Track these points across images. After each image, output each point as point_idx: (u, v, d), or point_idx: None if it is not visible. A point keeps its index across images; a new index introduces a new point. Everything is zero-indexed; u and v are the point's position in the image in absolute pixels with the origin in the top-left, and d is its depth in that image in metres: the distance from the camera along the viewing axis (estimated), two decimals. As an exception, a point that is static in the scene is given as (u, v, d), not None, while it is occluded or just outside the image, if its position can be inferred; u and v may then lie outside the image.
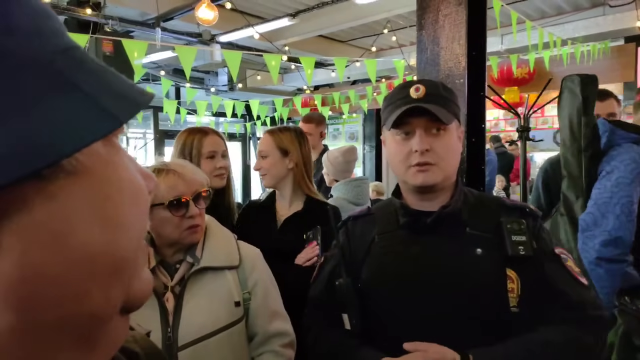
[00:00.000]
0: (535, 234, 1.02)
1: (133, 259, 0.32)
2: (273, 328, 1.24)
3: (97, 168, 0.29)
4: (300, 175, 1.77)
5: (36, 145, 0.24)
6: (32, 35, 0.26)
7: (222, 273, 1.18)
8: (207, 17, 3.82)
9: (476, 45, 1.96)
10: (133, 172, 0.33)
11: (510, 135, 8.48)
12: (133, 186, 0.32)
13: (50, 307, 0.27)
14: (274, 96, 7.69)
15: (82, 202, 0.27)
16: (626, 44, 5.87)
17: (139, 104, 0.30)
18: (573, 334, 0.94)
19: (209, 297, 1.13)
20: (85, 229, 0.27)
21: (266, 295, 1.26)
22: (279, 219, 1.74)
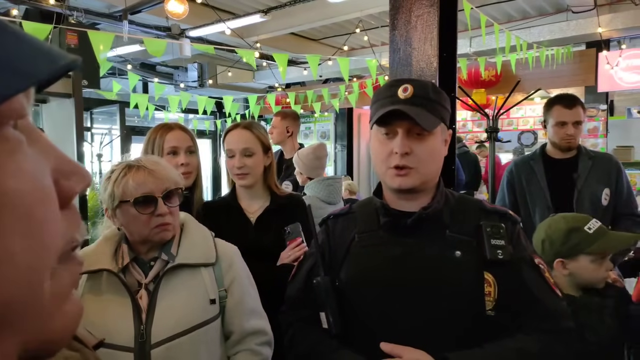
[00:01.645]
0: (513, 239, 1.03)
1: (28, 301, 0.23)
2: (250, 326, 1.23)
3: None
4: (272, 172, 1.75)
5: None
6: None
7: (197, 270, 1.17)
8: (177, 10, 3.73)
9: (447, 47, 1.99)
10: (33, 176, 0.23)
11: (478, 136, 8.69)
12: (24, 201, 0.22)
13: None
14: (245, 93, 7.61)
15: None
16: (587, 49, 6.10)
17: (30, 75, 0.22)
18: (547, 345, 0.96)
19: (183, 294, 1.12)
20: None
21: (243, 293, 1.24)
22: (249, 217, 1.71)
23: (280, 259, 1.63)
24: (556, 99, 2.32)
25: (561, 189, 2.25)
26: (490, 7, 5.45)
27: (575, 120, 2.21)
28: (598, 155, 2.34)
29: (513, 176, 2.44)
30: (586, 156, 2.27)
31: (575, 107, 2.23)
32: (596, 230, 1.42)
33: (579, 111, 2.23)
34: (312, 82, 8.16)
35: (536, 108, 8.14)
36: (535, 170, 2.35)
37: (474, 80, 6.41)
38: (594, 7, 5.10)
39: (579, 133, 2.26)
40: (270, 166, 1.75)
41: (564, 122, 2.22)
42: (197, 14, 5.04)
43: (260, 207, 1.72)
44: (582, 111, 2.25)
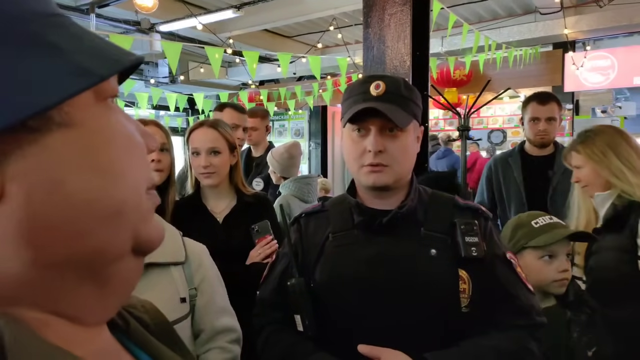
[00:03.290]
0: (486, 236, 1.04)
1: (135, 205, 0.35)
2: (220, 324, 1.21)
3: (89, 121, 0.32)
4: (238, 170, 1.72)
5: (18, 98, 0.27)
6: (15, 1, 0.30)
7: (167, 269, 1.14)
8: (146, 4, 3.64)
9: (420, 46, 2.01)
10: (127, 128, 0.36)
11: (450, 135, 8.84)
12: (126, 140, 0.35)
13: (59, 244, 0.31)
14: (218, 90, 7.51)
15: (74, 151, 0.31)
16: (554, 50, 6.27)
17: (119, 62, 0.33)
18: (522, 342, 0.97)
19: (153, 293, 1.09)
20: (79, 176, 0.31)
21: (213, 291, 1.23)
22: (216, 217, 1.67)
23: (250, 258, 1.60)
24: (532, 96, 2.35)
25: (536, 185, 2.27)
26: (461, 7, 5.53)
27: (547, 117, 2.23)
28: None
29: (491, 172, 2.48)
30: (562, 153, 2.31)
31: (548, 104, 2.25)
32: (543, 225, 1.34)
33: (552, 107, 2.25)
34: (285, 80, 8.12)
35: (505, 107, 8.33)
36: (512, 167, 2.37)
37: (445, 80, 6.51)
38: (560, 9, 5.25)
39: (552, 129, 2.27)
40: (236, 165, 1.71)
41: (537, 118, 2.25)
42: (167, 8, 4.93)
43: (227, 207, 1.68)
44: (557, 108, 2.27)
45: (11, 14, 0.29)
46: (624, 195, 1.50)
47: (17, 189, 0.29)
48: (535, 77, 6.36)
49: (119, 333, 0.40)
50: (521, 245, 1.36)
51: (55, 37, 0.30)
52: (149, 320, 0.46)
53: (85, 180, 0.31)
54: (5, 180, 0.28)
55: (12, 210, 0.29)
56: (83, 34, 0.32)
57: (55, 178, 0.30)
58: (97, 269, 0.34)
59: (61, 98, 0.29)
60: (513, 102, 8.23)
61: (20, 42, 0.29)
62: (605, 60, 5.95)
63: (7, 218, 0.29)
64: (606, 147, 1.52)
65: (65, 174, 0.30)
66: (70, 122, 0.31)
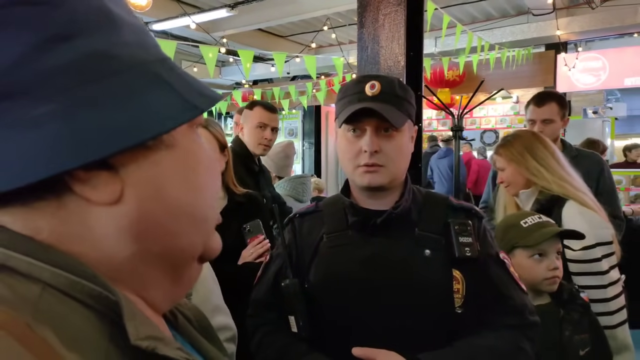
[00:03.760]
0: (479, 236, 1.04)
1: (210, 216, 0.43)
2: (215, 323, 1.18)
3: (186, 144, 0.40)
4: (228, 170, 1.71)
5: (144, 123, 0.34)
6: (139, 47, 0.37)
7: None
8: (140, 2, 3.62)
9: (414, 46, 2.01)
10: (208, 151, 0.43)
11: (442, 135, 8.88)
12: (209, 160, 0.43)
13: (157, 240, 0.38)
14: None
15: (175, 168, 0.39)
16: (547, 51, 6.33)
17: (214, 99, 0.41)
18: (516, 342, 0.98)
19: None
20: (176, 187, 0.39)
21: (208, 290, 1.22)
22: None
23: (242, 258, 1.59)
24: (532, 97, 2.31)
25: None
26: (454, 8, 5.56)
27: (543, 118, 2.19)
28: (582, 154, 2.24)
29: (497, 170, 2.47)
30: (568, 154, 2.16)
31: (544, 105, 2.21)
32: (532, 225, 1.37)
33: (549, 108, 2.20)
34: (279, 79, 8.11)
35: (498, 108, 8.39)
36: None
37: (438, 80, 6.54)
38: (553, 10, 5.29)
39: (550, 131, 2.19)
40: (227, 164, 1.70)
41: (532, 120, 2.22)
42: (161, 7, 4.91)
43: (218, 207, 1.67)
44: (557, 108, 2.20)
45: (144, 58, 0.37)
46: (545, 191, 1.60)
47: (132, 193, 0.36)
48: (527, 78, 6.40)
49: (169, 325, 0.47)
50: (511, 245, 1.38)
51: (167, 77, 0.38)
52: (192, 317, 0.53)
53: (181, 190, 0.39)
54: (124, 186, 0.36)
55: (128, 210, 0.36)
56: (184, 75, 0.40)
57: (160, 187, 0.38)
58: (178, 266, 0.41)
59: (174, 125, 0.36)
60: (505, 103, 8.29)
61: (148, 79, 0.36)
62: (597, 62, 6.01)
63: (123, 216, 0.36)
64: (523, 149, 1.63)
65: (167, 184, 0.38)
66: (174, 143, 0.38)
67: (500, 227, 1.46)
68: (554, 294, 1.38)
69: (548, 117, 2.19)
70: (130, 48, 0.37)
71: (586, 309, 1.36)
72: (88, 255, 0.36)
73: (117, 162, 0.35)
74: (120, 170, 0.35)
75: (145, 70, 0.37)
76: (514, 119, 8.17)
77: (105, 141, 0.33)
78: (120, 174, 0.35)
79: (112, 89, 0.34)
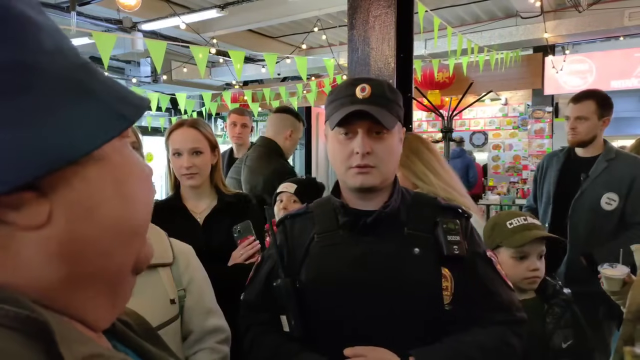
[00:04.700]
0: (467, 234, 1.07)
1: (143, 227, 0.41)
2: (209, 325, 1.20)
3: (115, 156, 0.38)
4: (218, 170, 1.70)
5: (73, 140, 0.32)
6: (56, 54, 0.34)
7: (155, 271, 1.12)
8: (129, 2, 3.59)
9: (404, 48, 2.02)
10: (139, 159, 0.41)
11: (432, 136, 8.93)
12: (140, 170, 0.41)
13: (90, 261, 0.36)
14: (201, 90, 7.45)
15: (106, 182, 0.36)
16: (535, 54, 6.39)
17: (142, 107, 0.39)
18: (503, 337, 1.01)
19: (143, 295, 1.07)
20: (109, 202, 0.36)
21: (202, 292, 1.22)
22: (197, 218, 1.64)
23: (232, 259, 1.58)
24: (573, 96, 2.34)
25: (568, 186, 2.24)
26: (444, 10, 5.60)
27: (577, 115, 2.21)
28: (620, 158, 2.23)
29: (539, 169, 2.49)
30: (604, 157, 2.22)
31: (580, 102, 2.23)
32: (517, 226, 1.41)
33: (585, 106, 2.21)
34: (269, 80, 8.10)
35: (487, 109, 8.45)
36: (554, 165, 2.37)
37: (428, 82, 6.58)
38: (540, 13, 5.35)
39: (584, 128, 2.21)
40: (217, 164, 1.69)
41: (567, 116, 2.26)
42: (150, 7, 4.88)
43: (208, 207, 1.66)
44: (593, 106, 2.20)
45: (64, 65, 0.34)
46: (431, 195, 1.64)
47: (61, 214, 0.34)
48: (516, 80, 6.47)
49: (107, 335, 0.44)
50: (496, 244, 1.43)
51: (92, 84, 0.36)
52: (132, 322, 0.51)
53: (113, 206, 0.37)
54: (53, 207, 0.33)
55: (56, 232, 0.34)
56: (106, 80, 0.38)
57: (91, 205, 0.35)
58: (113, 284, 0.40)
59: (105, 140, 0.35)
60: (494, 105, 8.36)
61: (71, 90, 0.34)
62: (584, 64, 6.09)
63: (51, 239, 0.34)
64: (410, 153, 1.63)
65: (98, 201, 0.36)
66: (104, 157, 0.36)
67: (489, 225, 1.51)
68: (539, 290, 1.43)
69: (581, 114, 2.20)
70: (49, 56, 0.33)
71: (568, 303, 1.40)
72: (14, 281, 0.33)
73: (44, 182, 0.32)
74: (48, 191, 0.33)
75: (67, 80, 0.34)
76: (503, 121, 8.25)
77: (30, 163, 0.30)
78: (47, 194, 0.33)
79: (31, 104, 0.31)
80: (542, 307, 1.39)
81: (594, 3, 4.85)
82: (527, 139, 6.97)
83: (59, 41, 0.35)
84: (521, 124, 7.95)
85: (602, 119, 2.22)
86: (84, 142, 0.33)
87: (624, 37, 5.83)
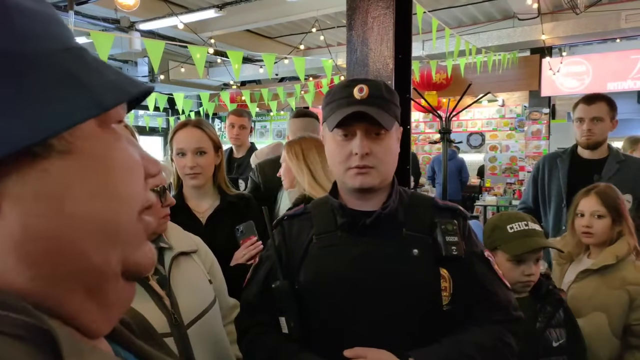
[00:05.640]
0: (465, 235, 1.07)
1: (129, 229, 0.37)
2: (232, 302, 1.35)
3: (92, 149, 0.34)
4: (221, 170, 1.71)
5: (24, 127, 0.29)
6: (42, 39, 0.32)
7: (190, 257, 1.21)
8: (128, 2, 3.58)
9: (402, 49, 2.02)
10: (129, 153, 0.38)
11: (430, 137, 8.94)
12: (127, 165, 0.37)
13: (58, 263, 0.33)
14: (199, 90, 7.44)
15: (74, 177, 0.33)
16: (532, 55, 6.42)
17: (127, 93, 0.35)
18: (501, 336, 1.02)
19: (192, 277, 1.17)
20: (78, 199, 0.33)
21: (220, 273, 1.33)
22: (200, 217, 1.65)
23: (235, 259, 1.59)
24: (581, 98, 2.32)
25: (579, 188, 2.16)
26: (442, 11, 5.62)
27: (592, 116, 2.19)
28: (630, 160, 2.24)
29: (538, 171, 2.47)
30: (614, 159, 2.23)
31: (594, 104, 2.22)
32: (517, 231, 1.41)
33: (599, 107, 2.20)
34: (267, 80, 8.10)
35: (484, 111, 8.48)
36: (559, 167, 2.35)
37: (426, 83, 6.59)
38: (538, 15, 5.37)
39: (599, 129, 2.21)
40: (220, 165, 1.70)
41: (581, 118, 2.23)
42: (148, 7, 4.87)
43: (210, 207, 1.66)
44: (607, 108, 2.20)
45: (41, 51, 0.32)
46: (305, 193, 1.70)
47: (13, 209, 0.31)
48: (513, 82, 6.49)
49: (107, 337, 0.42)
50: (494, 246, 1.43)
51: (74, 69, 0.33)
52: (132, 323, 0.49)
53: (84, 203, 0.34)
54: (2, 200, 0.31)
55: (9, 228, 0.31)
56: (96, 66, 0.35)
57: (53, 201, 0.32)
58: (96, 288, 0.36)
59: (60, 128, 0.31)
60: (491, 106, 8.38)
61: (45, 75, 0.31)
62: (580, 66, 6.11)
63: (4, 235, 0.31)
64: (300, 150, 1.74)
65: (63, 198, 0.32)
66: (70, 149, 0.33)
67: (489, 225, 1.52)
68: (533, 289, 1.44)
69: (598, 114, 2.20)
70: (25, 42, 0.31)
71: (560, 303, 1.42)
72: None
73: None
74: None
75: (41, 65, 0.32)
76: (500, 122, 8.27)
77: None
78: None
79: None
80: (534, 307, 1.40)
81: (591, 5, 4.87)
82: (524, 141, 6.99)
83: (47, 26, 0.33)
84: (518, 125, 7.98)
85: (612, 121, 2.24)
86: (36, 131, 0.30)
87: (621, 39, 5.85)
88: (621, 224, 1.65)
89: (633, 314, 1.52)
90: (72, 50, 0.34)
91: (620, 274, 1.56)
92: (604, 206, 1.67)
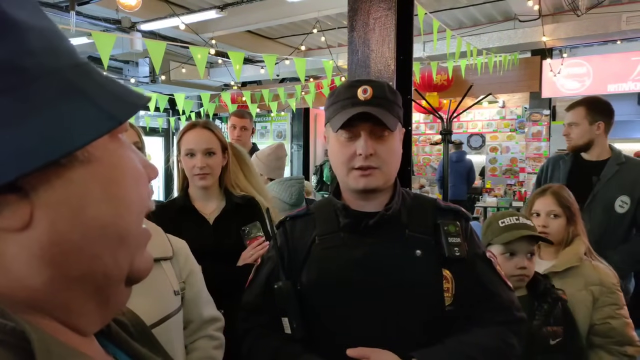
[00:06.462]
0: (467, 236, 1.07)
1: (136, 234, 0.40)
2: (207, 314, 1.28)
3: (105, 158, 0.37)
4: (228, 171, 1.72)
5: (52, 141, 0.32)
6: (49, 54, 0.34)
7: (158, 264, 1.16)
8: (130, 2, 3.59)
9: (404, 50, 2.03)
10: (134, 161, 0.41)
11: (430, 138, 8.94)
12: (134, 172, 0.40)
13: (75, 264, 0.36)
14: (199, 90, 7.44)
15: (93, 184, 0.36)
16: (533, 57, 6.41)
17: (136, 106, 0.38)
18: (504, 337, 1.01)
19: (151, 287, 1.12)
20: (97, 205, 0.36)
21: (199, 283, 1.27)
22: (207, 218, 1.66)
23: (242, 259, 1.60)
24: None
25: (579, 190, 2.19)
26: (443, 13, 5.62)
27: (569, 122, 2.30)
28: (630, 162, 2.28)
29: (542, 172, 2.52)
30: (615, 161, 2.26)
31: (572, 109, 2.31)
32: (508, 224, 1.45)
33: (575, 112, 2.30)
34: (268, 81, 8.10)
35: (484, 112, 8.48)
36: (561, 169, 2.40)
37: (427, 84, 6.59)
38: (539, 16, 5.37)
39: (575, 134, 2.28)
40: (227, 166, 1.72)
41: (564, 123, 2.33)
42: (149, 7, 4.87)
43: (217, 208, 1.68)
44: (583, 112, 2.27)
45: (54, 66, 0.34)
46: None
47: (43, 216, 0.33)
48: (514, 83, 6.49)
49: (100, 336, 0.44)
50: (488, 242, 1.47)
51: (82, 84, 0.35)
52: (129, 324, 0.51)
53: (102, 208, 0.36)
54: (34, 209, 0.33)
55: (38, 234, 0.33)
56: (103, 80, 0.38)
57: (76, 207, 0.35)
58: (102, 290, 0.39)
59: (87, 140, 0.34)
60: (492, 107, 8.38)
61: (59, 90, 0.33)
62: (581, 68, 6.11)
63: (33, 241, 0.34)
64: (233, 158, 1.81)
65: (84, 204, 0.35)
66: (90, 158, 0.36)
67: (485, 224, 1.56)
68: (530, 288, 1.46)
69: (572, 120, 2.29)
70: (35, 57, 0.33)
71: (556, 302, 1.43)
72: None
73: (25, 184, 0.32)
74: (30, 193, 0.33)
75: (57, 80, 0.34)
76: (500, 123, 8.28)
77: (9, 164, 0.30)
78: (29, 196, 0.33)
79: (13, 104, 0.31)
80: (532, 304, 1.42)
81: (592, 7, 4.87)
82: (525, 142, 6.99)
83: (51, 42, 0.35)
84: (518, 126, 7.98)
85: (595, 124, 2.27)
86: (65, 143, 0.32)
87: (622, 41, 5.85)
88: (575, 224, 1.67)
89: (596, 313, 1.54)
90: (81, 65, 0.36)
91: (582, 275, 1.58)
92: (559, 206, 1.70)
